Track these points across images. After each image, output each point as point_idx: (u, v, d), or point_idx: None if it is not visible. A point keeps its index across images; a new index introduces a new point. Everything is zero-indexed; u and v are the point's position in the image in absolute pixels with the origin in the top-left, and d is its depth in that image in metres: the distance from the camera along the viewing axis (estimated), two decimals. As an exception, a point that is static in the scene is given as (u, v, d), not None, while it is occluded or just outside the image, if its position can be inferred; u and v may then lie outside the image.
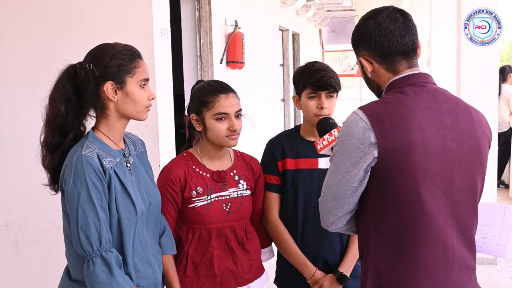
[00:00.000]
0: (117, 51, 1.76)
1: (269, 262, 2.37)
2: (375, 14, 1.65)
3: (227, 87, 2.12)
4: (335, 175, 1.59)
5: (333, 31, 13.05)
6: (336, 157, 1.59)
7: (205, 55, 4.71)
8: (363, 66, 1.68)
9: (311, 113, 2.23)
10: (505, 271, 4.61)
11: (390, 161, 1.50)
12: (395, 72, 1.63)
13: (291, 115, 9.40)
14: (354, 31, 1.70)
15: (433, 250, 1.55)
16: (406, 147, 1.50)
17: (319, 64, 2.26)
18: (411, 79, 1.61)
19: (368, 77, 1.69)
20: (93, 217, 1.68)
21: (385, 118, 1.52)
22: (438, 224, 1.54)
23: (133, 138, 1.99)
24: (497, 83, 4.63)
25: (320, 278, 2.22)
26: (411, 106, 1.54)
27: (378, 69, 1.65)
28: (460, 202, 1.58)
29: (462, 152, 1.56)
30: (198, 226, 2.09)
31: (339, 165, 1.58)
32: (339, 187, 1.58)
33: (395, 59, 1.62)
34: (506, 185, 7.62)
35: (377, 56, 1.63)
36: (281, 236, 2.27)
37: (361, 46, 1.67)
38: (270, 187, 2.29)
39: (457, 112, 1.59)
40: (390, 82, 1.63)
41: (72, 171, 1.69)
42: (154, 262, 1.89)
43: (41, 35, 3.35)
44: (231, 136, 2.07)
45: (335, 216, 1.63)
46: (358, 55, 1.69)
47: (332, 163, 1.61)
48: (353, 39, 1.71)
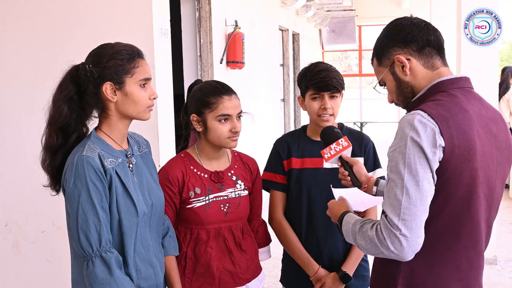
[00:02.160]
0: (115, 51, 1.76)
1: (267, 262, 2.37)
2: (401, 18, 1.65)
3: (229, 88, 2.11)
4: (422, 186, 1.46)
5: (333, 31, 13.05)
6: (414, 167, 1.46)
7: (205, 55, 4.71)
8: (393, 73, 1.62)
9: (315, 114, 2.24)
10: (505, 271, 4.62)
11: (451, 166, 1.47)
12: (433, 67, 1.60)
13: (291, 115, 9.40)
14: (381, 38, 1.66)
15: (471, 254, 1.56)
16: (468, 153, 1.48)
17: (321, 65, 2.26)
18: (459, 82, 1.58)
19: (401, 81, 1.62)
20: (93, 218, 1.68)
21: (450, 123, 1.47)
22: (478, 229, 1.55)
23: (138, 138, 1.99)
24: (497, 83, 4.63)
25: (323, 276, 2.24)
26: (469, 111, 1.52)
27: (416, 65, 1.60)
28: (495, 208, 1.62)
29: (501, 160, 1.58)
30: (196, 226, 2.09)
31: (420, 173, 1.45)
32: (430, 194, 1.47)
33: (432, 53, 1.60)
34: (506, 185, 7.63)
35: (414, 51, 1.59)
36: (285, 233, 2.29)
37: (395, 45, 1.61)
38: (276, 186, 2.32)
39: (496, 119, 1.60)
40: (436, 83, 1.57)
41: (73, 171, 1.69)
42: (156, 263, 1.89)
43: (41, 35, 3.35)
44: (232, 138, 2.07)
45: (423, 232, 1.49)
46: (390, 57, 1.63)
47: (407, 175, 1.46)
48: (381, 45, 1.65)
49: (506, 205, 6.78)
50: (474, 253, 1.57)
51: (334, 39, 13.17)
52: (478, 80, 4.55)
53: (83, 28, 3.30)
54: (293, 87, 9.42)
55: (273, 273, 3.96)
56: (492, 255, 4.71)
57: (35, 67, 3.35)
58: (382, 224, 1.51)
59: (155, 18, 3.30)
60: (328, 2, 10.26)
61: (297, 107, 9.87)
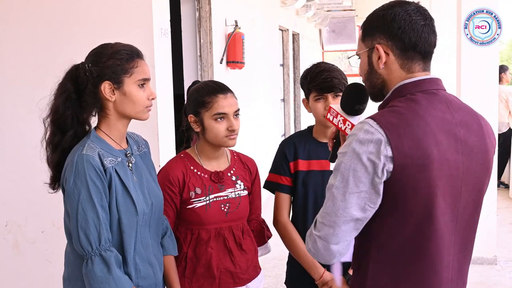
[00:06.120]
0: (114, 51, 1.76)
1: (267, 262, 2.37)
2: (402, 3, 1.50)
3: (225, 87, 2.11)
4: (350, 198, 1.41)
5: (333, 31, 13.05)
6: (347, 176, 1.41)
7: (205, 55, 4.71)
8: (369, 57, 1.53)
9: (320, 116, 2.21)
10: (505, 271, 4.62)
11: (404, 177, 1.39)
12: (409, 71, 1.49)
13: (291, 115, 9.40)
14: (375, 16, 1.52)
15: (437, 268, 1.47)
16: (423, 163, 1.38)
17: (322, 65, 2.23)
18: (422, 85, 1.48)
19: (374, 69, 1.53)
20: (93, 216, 1.68)
21: (401, 131, 1.39)
22: (444, 241, 1.46)
23: (137, 138, 1.99)
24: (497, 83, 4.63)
25: (329, 280, 2.20)
26: (427, 117, 1.42)
27: (392, 63, 1.49)
28: (464, 217, 1.50)
29: (471, 166, 1.48)
30: (197, 227, 2.09)
31: (353, 185, 1.41)
32: (362, 210, 1.42)
33: (415, 58, 1.49)
34: (506, 185, 7.62)
35: (397, 49, 1.48)
36: (290, 236, 2.26)
37: (382, 33, 1.49)
38: (281, 188, 2.28)
39: (468, 123, 1.49)
40: (399, 86, 1.49)
41: (73, 170, 1.69)
42: (155, 262, 1.89)
43: (41, 35, 3.35)
44: (230, 136, 2.07)
45: (344, 244, 1.46)
46: (373, 41, 1.51)
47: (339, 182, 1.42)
48: (371, 23, 1.53)
49: (506, 205, 6.78)
50: (441, 267, 1.48)
51: (334, 39, 13.17)
52: (478, 80, 4.58)
53: (83, 28, 3.30)
54: (293, 87, 9.42)
55: (273, 273, 3.96)
56: (492, 255, 4.71)
57: (35, 67, 3.35)
58: (314, 221, 1.51)
59: (155, 18, 3.30)
60: (328, 2, 10.26)
61: (297, 107, 9.87)
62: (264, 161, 2.41)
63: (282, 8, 8.11)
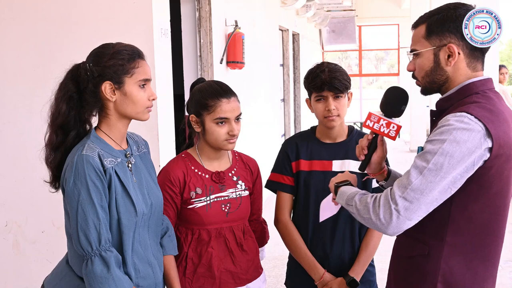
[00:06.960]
0: (115, 51, 1.76)
1: (267, 262, 2.37)
2: (465, 4, 1.68)
3: (229, 90, 2.10)
4: (440, 181, 1.48)
5: (333, 31, 13.06)
6: (443, 161, 1.48)
7: (205, 55, 4.71)
8: (436, 54, 1.60)
9: (321, 116, 2.21)
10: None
11: (495, 166, 1.51)
12: (474, 69, 1.62)
13: (291, 115, 9.41)
14: (445, 16, 1.62)
15: (501, 248, 1.65)
16: (510, 153, 1.52)
17: (323, 66, 2.22)
18: (488, 84, 1.60)
19: (440, 66, 1.61)
20: (93, 217, 1.68)
21: (496, 124, 1.50)
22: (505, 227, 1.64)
23: (137, 138, 1.99)
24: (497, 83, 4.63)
25: (329, 281, 2.20)
26: (505, 113, 1.56)
27: (460, 61, 1.61)
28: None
29: None
30: (197, 227, 2.09)
31: (447, 169, 1.48)
32: (443, 193, 1.51)
33: (479, 57, 1.63)
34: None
35: (467, 48, 1.61)
36: (291, 236, 2.26)
37: (453, 33, 1.61)
38: (283, 187, 2.28)
39: None
40: (467, 84, 1.59)
41: (73, 170, 1.69)
42: (154, 262, 1.89)
43: (41, 35, 3.36)
44: (230, 140, 2.06)
45: (416, 220, 1.53)
46: (442, 40, 1.60)
47: (432, 165, 1.49)
48: (441, 23, 1.61)
49: (506, 205, 6.78)
50: (501, 247, 1.65)
51: (334, 39, 13.18)
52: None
53: (83, 28, 3.30)
54: (293, 87, 9.42)
55: (273, 273, 3.95)
56: (492, 255, 4.71)
57: (35, 67, 3.35)
58: (384, 194, 1.54)
59: (155, 18, 3.30)
60: (328, 2, 10.27)
61: (297, 107, 9.88)
62: (264, 161, 2.41)
63: (282, 8, 8.11)
